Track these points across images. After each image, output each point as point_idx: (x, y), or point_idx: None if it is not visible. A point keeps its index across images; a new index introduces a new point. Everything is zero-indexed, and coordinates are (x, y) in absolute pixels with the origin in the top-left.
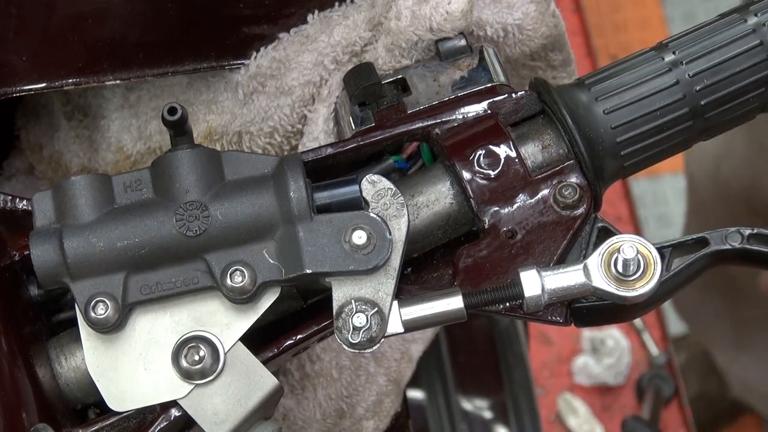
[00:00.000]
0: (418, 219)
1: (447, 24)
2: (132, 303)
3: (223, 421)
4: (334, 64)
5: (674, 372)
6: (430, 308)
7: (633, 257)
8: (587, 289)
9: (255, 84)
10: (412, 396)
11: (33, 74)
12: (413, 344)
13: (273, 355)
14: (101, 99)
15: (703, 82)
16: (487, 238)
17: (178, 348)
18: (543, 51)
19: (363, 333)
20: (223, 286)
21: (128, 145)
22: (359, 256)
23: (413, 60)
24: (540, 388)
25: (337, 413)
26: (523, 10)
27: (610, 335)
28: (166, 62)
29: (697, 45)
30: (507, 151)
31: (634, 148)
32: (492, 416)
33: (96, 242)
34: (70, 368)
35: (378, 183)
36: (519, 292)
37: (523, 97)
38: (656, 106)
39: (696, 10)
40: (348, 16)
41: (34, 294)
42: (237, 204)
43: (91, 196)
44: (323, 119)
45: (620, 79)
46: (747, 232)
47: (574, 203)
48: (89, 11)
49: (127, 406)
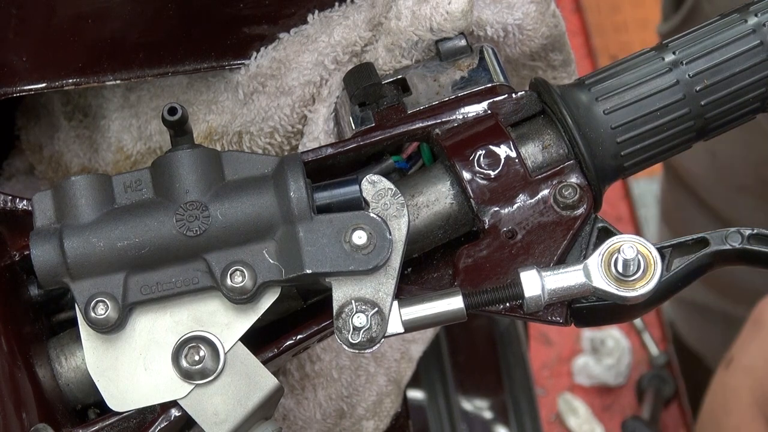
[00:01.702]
0: (419, 219)
1: (447, 24)
2: (132, 303)
3: (223, 421)
4: (335, 64)
5: (674, 372)
6: (430, 308)
7: (633, 257)
8: (587, 289)
9: (255, 84)
10: (412, 396)
11: (33, 74)
12: (413, 344)
13: (273, 355)
14: (101, 99)
15: (704, 82)
16: (487, 239)
17: (178, 348)
18: (543, 51)
19: (363, 333)
20: (223, 286)
21: (128, 145)
22: (359, 256)
23: (413, 60)
24: (540, 388)
25: (337, 413)
26: (524, 10)
27: (611, 335)
28: (166, 62)
29: (697, 45)
30: (507, 152)
31: (634, 149)
32: (492, 416)
33: (96, 242)
34: (70, 368)
35: (378, 183)
36: (519, 293)
37: (523, 97)
38: (656, 107)
39: None
40: (348, 16)
41: (34, 294)
42: (237, 204)
43: (92, 196)
44: (323, 119)
45: (620, 79)
46: (747, 233)
47: (574, 203)
48: (89, 11)
49: (127, 406)
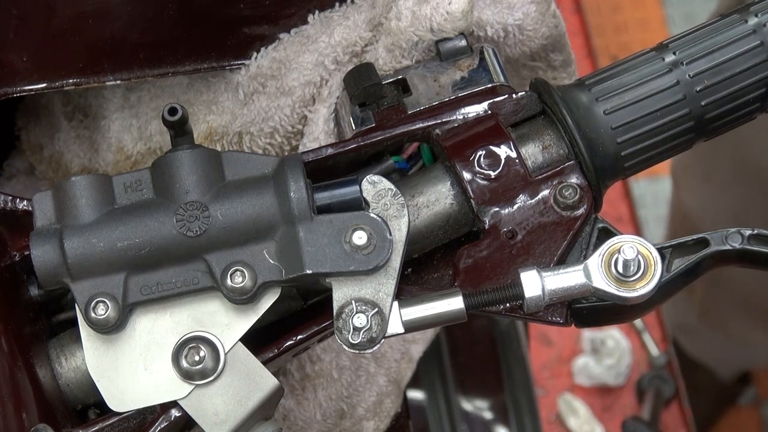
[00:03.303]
0: (419, 219)
1: (447, 24)
2: (132, 303)
3: (224, 421)
4: (335, 64)
5: (674, 373)
6: (430, 309)
7: (633, 258)
8: (587, 289)
9: (255, 84)
10: (413, 396)
11: (33, 74)
12: (413, 345)
13: (273, 355)
14: (102, 99)
15: (704, 82)
16: (487, 239)
17: (179, 348)
18: (543, 51)
19: (363, 333)
20: (224, 287)
21: (128, 145)
22: (360, 257)
23: (414, 60)
24: (540, 388)
25: (338, 414)
26: (524, 10)
27: (611, 336)
28: (166, 62)
29: (697, 45)
30: (507, 152)
31: (634, 149)
32: (492, 417)
33: (96, 243)
34: (70, 368)
35: (378, 183)
36: (519, 293)
37: (524, 97)
38: (657, 107)
39: (696, 10)
40: (348, 17)
41: (35, 294)
42: (237, 204)
43: (92, 197)
44: (323, 119)
45: (621, 79)
46: (747, 233)
47: (574, 204)
48: (90, 11)
49: (127, 407)
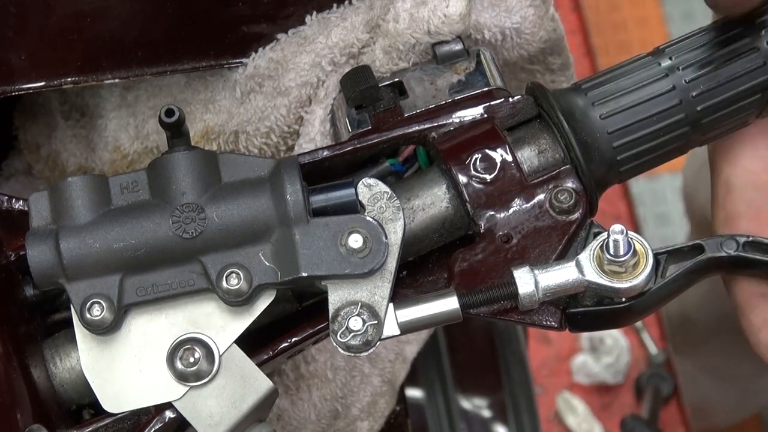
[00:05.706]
0: (414, 222)
1: (445, 27)
2: (127, 304)
3: (218, 423)
4: (332, 65)
5: (673, 371)
6: (425, 310)
7: (622, 239)
8: (581, 284)
9: (252, 84)
10: (411, 395)
11: (31, 73)
12: (408, 345)
13: (268, 357)
14: (99, 98)
15: (700, 88)
16: (482, 243)
17: (173, 350)
18: (541, 55)
19: (359, 336)
20: (219, 289)
21: (125, 144)
22: (355, 260)
23: (410, 63)
24: (539, 386)
25: (332, 414)
26: (522, 13)
27: (609, 334)
28: (165, 61)
29: (693, 51)
30: (503, 156)
31: (630, 154)
32: (491, 415)
33: (92, 243)
34: (65, 369)
35: (374, 186)
36: (513, 290)
37: (520, 101)
38: (652, 112)
39: (695, 9)
40: (346, 18)
41: (30, 294)
42: (233, 206)
43: (88, 197)
44: (320, 120)
45: (617, 84)
46: (742, 240)
47: (569, 208)
48: (88, 10)
49: (121, 408)
